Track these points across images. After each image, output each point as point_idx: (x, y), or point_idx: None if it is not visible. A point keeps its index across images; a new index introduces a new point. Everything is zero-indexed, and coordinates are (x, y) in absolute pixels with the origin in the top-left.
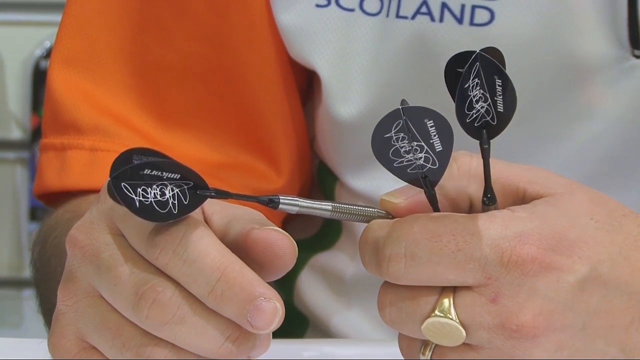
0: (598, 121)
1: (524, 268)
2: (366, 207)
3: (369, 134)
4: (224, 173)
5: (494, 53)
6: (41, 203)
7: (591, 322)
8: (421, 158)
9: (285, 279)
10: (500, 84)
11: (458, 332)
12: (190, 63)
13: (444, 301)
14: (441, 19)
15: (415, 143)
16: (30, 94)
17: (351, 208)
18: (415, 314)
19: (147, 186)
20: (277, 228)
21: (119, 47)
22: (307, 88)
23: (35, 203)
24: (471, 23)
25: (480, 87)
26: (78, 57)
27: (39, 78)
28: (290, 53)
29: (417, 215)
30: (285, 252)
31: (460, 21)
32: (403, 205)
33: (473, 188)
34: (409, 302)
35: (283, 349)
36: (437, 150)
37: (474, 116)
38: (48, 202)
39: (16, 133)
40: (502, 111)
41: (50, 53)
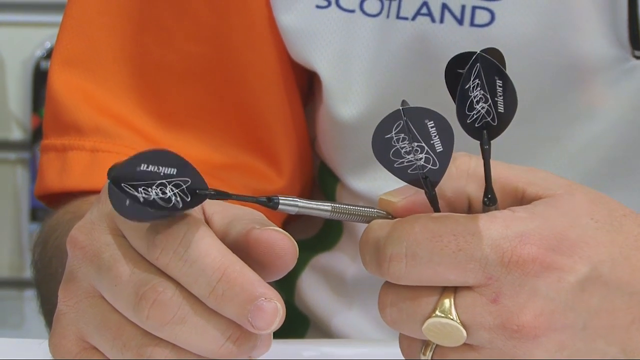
0: (599, 122)
1: (525, 268)
2: (366, 208)
3: (370, 135)
4: (225, 173)
5: (495, 54)
6: (42, 204)
7: (592, 322)
8: (422, 159)
9: (286, 279)
10: (500, 85)
11: (459, 333)
12: (190, 63)
13: (445, 301)
14: (441, 20)
15: (415, 144)
16: (30, 95)
17: (351, 208)
18: (416, 315)
19: (148, 186)
20: (278, 228)
21: (120, 48)
22: (308, 89)
23: (36, 203)
24: (471, 24)
25: (480, 88)
26: (78, 58)
27: (40, 78)
28: (290, 54)
29: (418, 215)
30: (286, 252)
31: (460, 22)
32: (401, 204)
33: (471, 188)
34: (410, 303)
35: (283, 349)
36: (438, 150)
37: (475, 117)
38: (49, 203)
39: (17, 133)
40: (503, 112)
41: (50, 53)
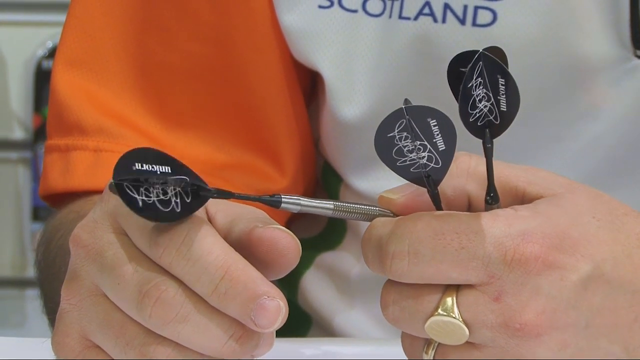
0: (601, 121)
1: (527, 266)
2: (368, 206)
3: (373, 135)
4: (228, 173)
5: (497, 52)
6: (44, 203)
7: (594, 321)
8: (424, 157)
9: (289, 278)
10: (503, 83)
11: (461, 331)
12: (193, 64)
13: (447, 300)
14: (444, 20)
15: (418, 142)
16: (32, 94)
17: (353, 207)
18: (418, 313)
19: (150, 186)
20: (281, 227)
21: (123, 48)
22: (311, 89)
23: (37, 203)
24: (474, 24)
25: (483, 87)
26: (82, 59)
27: (41, 78)
28: (293, 54)
29: (421, 213)
30: (289, 251)
31: (462, 22)
32: (400, 201)
33: (472, 187)
34: (412, 301)
35: (285, 348)
36: (440, 149)
37: (477, 115)
38: (53, 203)
39: (18, 133)
40: (505, 110)
41: (52, 53)
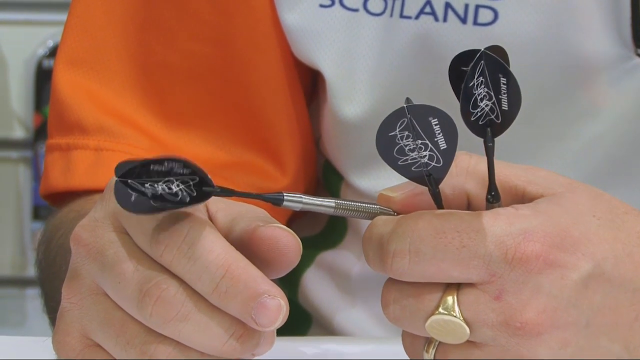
0: (602, 120)
1: (528, 265)
2: (369, 204)
3: (374, 134)
4: (229, 172)
5: (498, 51)
6: (45, 202)
7: (595, 320)
8: (425, 156)
9: (290, 277)
10: (504, 82)
11: (462, 330)
12: (194, 63)
13: (448, 298)
14: (445, 19)
15: (419, 141)
16: (33, 93)
17: (354, 205)
18: (419, 312)
19: (155, 182)
20: (282, 225)
21: (124, 48)
22: (312, 88)
23: (38, 202)
24: (475, 23)
25: (484, 86)
26: (83, 58)
27: (42, 77)
28: (294, 53)
29: (422, 212)
30: (289, 250)
31: (464, 21)
32: (399, 198)
33: (471, 186)
34: (413, 300)
35: (286, 347)
36: (442, 148)
37: (479, 114)
38: (53, 203)
39: (19, 132)
40: (507, 109)
41: (53, 52)
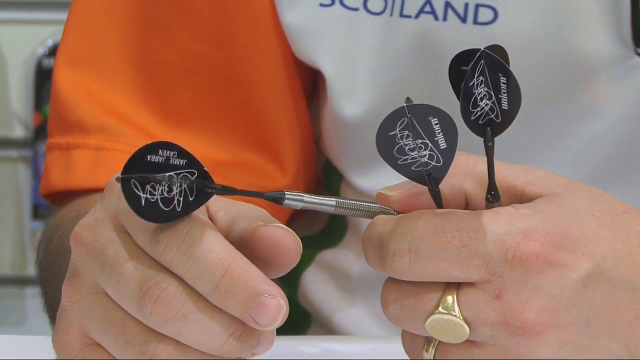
0: (602, 120)
1: (528, 264)
2: (370, 203)
3: (374, 133)
4: (229, 171)
5: (498, 51)
6: (45, 201)
7: (595, 319)
8: (425, 155)
9: (290, 276)
10: (504, 82)
11: (462, 329)
12: (194, 62)
13: (448, 298)
14: (445, 18)
15: (419, 140)
16: (32, 92)
17: (355, 204)
18: (418, 311)
19: (156, 183)
20: (282, 225)
21: (124, 47)
22: (312, 87)
23: (38, 201)
24: (475, 22)
25: (484, 85)
26: (83, 57)
27: (42, 76)
28: (294, 52)
29: (422, 211)
30: (289, 249)
31: (463, 20)
32: (397, 197)
33: (469, 185)
34: (413, 299)
35: (285, 346)
36: (442, 147)
37: (478, 114)
38: (54, 202)
39: (19, 131)
40: (507, 109)
41: (52, 51)
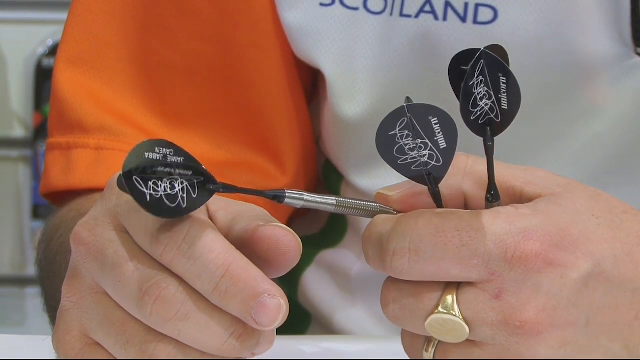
0: (601, 119)
1: (528, 264)
2: (370, 202)
3: (374, 133)
4: (229, 171)
5: (498, 50)
6: (44, 201)
7: (595, 319)
8: (425, 155)
9: (290, 276)
10: (504, 82)
11: (461, 329)
12: (194, 62)
13: (448, 297)
14: (445, 18)
15: (419, 140)
16: (32, 92)
17: (355, 203)
18: (418, 311)
19: (158, 180)
20: (282, 225)
21: (124, 47)
22: (312, 87)
23: (38, 201)
24: (475, 21)
25: (484, 85)
26: (83, 57)
27: (42, 76)
28: (294, 52)
29: (422, 210)
30: (290, 249)
31: (463, 20)
32: (396, 197)
33: (468, 185)
34: (413, 299)
35: (285, 346)
36: (442, 147)
37: (478, 113)
38: (54, 201)
39: (19, 131)
40: (506, 108)
41: (52, 51)
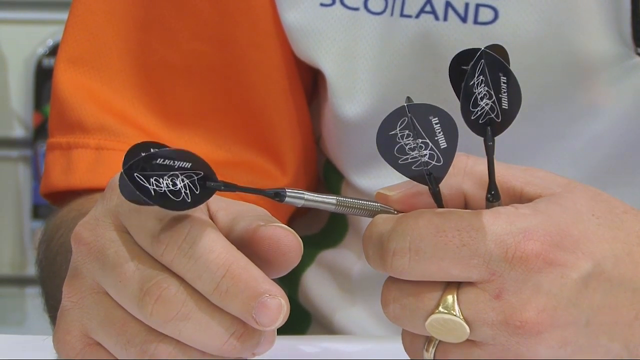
0: (602, 119)
1: (528, 264)
2: (370, 202)
3: (374, 133)
4: (229, 171)
5: (499, 50)
6: (45, 201)
7: (595, 319)
8: (426, 155)
9: (290, 275)
10: (504, 81)
11: (462, 329)
12: (194, 62)
13: (448, 297)
14: (445, 18)
15: (420, 140)
16: (32, 92)
17: (355, 202)
18: (419, 311)
19: (159, 177)
20: (283, 225)
21: (125, 47)
22: (313, 87)
23: (38, 201)
24: (475, 22)
25: (484, 85)
26: (84, 57)
27: (42, 76)
28: (295, 52)
29: (423, 210)
30: (290, 249)
31: (464, 20)
32: (396, 197)
33: (468, 185)
34: (413, 299)
35: (285, 346)
36: (442, 147)
37: (479, 113)
38: (54, 201)
39: (19, 131)
40: (507, 108)
41: (53, 51)
